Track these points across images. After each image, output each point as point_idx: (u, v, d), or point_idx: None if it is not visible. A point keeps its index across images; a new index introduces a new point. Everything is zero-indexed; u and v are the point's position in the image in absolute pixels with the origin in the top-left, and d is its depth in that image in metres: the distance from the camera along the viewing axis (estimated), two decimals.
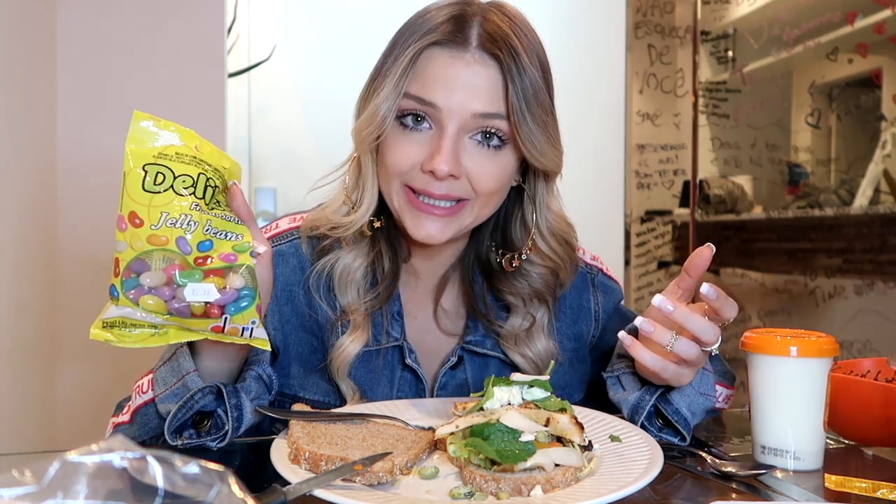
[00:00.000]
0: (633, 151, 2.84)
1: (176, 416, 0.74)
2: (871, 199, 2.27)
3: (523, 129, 0.81)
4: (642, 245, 2.94)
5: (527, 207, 0.92)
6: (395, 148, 0.83)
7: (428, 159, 0.81)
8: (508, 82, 0.81)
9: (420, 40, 0.81)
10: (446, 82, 0.80)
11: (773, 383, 0.77)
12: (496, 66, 0.81)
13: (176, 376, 0.76)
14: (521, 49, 0.81)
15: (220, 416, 0.76)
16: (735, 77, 2.77)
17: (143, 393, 0.79)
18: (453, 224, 0.84)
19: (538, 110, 0.82)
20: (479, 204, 0.85)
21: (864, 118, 2.39)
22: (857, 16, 2.23)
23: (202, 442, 0.76)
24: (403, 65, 0.81)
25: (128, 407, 0.83)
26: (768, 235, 2.63)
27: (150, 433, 0.79)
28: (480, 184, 0.83)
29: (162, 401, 0.76)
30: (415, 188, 0.83)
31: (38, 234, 1.67)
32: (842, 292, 2.30)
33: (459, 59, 0.81)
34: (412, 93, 0.81)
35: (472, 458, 0.68)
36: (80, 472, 0.38)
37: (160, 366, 0.79)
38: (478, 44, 0.81)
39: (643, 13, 2.87)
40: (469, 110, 0.81)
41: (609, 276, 1.07)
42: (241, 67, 2.61)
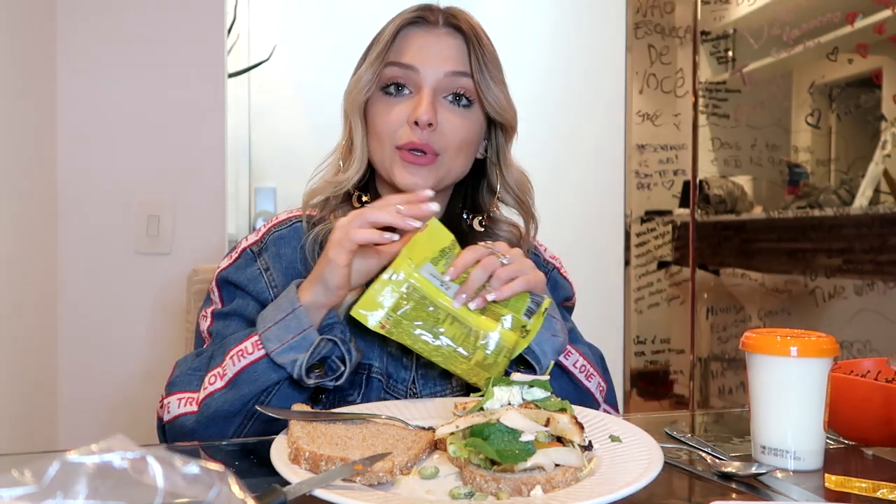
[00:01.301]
0: (633, 151, 2.84)
1: (301, 363, 0.86)
2: (871, 199, 2.27)
3: (483, 86, 0.99)
4: (642, 245, 2.94)
5: (491, 172, 1.08)
6: (384, 112, 1.00)
7: (412, 113, 0.98)
8: (470, 49, 1.00)
9: (397, 22, 1.01)
10: (421, 49, 0.99)
11: (773, 383, 0.77)
12: (461, 37, 1.01)
13: (293, 333, 0.87)
14: (477, 27, 1.02)
15: (333, 360, 0.89)
16: (735, 77, 2.77)
17: (247, 355, 0.89)
18: (432, 173, 0.99)
19: (495, 72, 1.01)
20: (449, 157, 1.00)
21: (864, 118, 2.39)
22: (857, 16, 2.23)
23: (323, 382, 0.89)
24: (384, 41, 0.99)
25: (216, 376, 0.90)
26: (768, 235, 2.63)
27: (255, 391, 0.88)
28: (453, 135, 0.99)
29: (279, 354, 0.87)
30: (401, 144, 0.98)
31: (38, 233, 1.67)
32: (842, 292, 2.30)
33: (431, 32, 1.01)
34: (392, 59, 0.99)
35: (472, 458, 0.68)
36: (80, 473, 0.38)
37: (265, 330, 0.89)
38: (444, 21, 1.01)
39: (643, 13, 2.87)
40: (442, 70, 0.98)
41: (564, 276, 1.16)
42: (241, 67, 2.61)
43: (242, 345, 0.90)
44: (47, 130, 1.70)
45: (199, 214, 1.77)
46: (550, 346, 0.94)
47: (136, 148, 1.75)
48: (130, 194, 1.75)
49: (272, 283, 1.01)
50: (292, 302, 0.88)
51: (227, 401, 0.88)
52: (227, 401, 0.88)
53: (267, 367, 0.88)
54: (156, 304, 1.76)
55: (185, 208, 1.77)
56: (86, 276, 1.74)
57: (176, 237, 1.77)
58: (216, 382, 0.90)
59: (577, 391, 0.98)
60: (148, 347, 1.76)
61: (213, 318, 1.02)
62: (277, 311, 0.89)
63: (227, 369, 0.89)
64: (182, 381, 0.95)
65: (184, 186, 1.77)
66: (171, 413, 0.93)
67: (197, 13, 1.77)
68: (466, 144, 1.02)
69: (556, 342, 0.94)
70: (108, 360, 1.74)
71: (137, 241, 1.75)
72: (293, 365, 0.86)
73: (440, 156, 0.99)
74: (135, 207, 1.75)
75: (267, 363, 0.87)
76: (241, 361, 0.89)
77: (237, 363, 0.89)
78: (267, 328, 0.89)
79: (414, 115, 0.97)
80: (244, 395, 0.88)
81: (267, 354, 0.87)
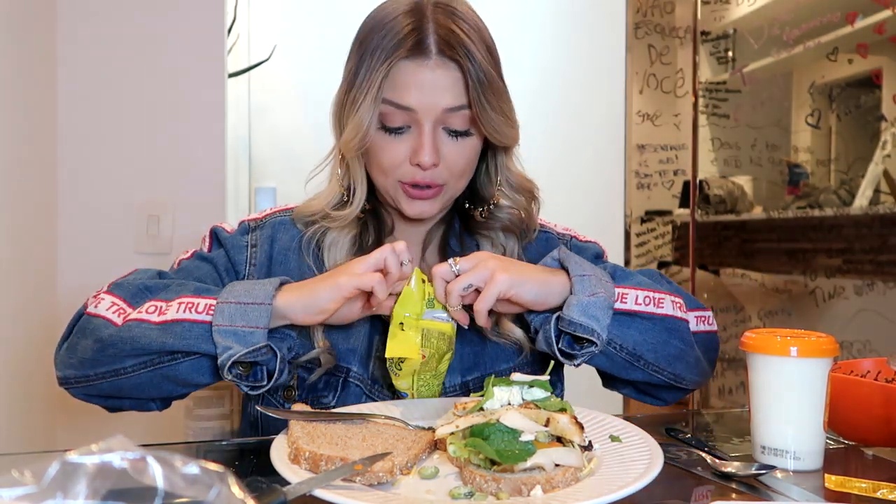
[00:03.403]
0: (633, 151, 2.84)
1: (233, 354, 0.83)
2: (871, 200, 2.27)
3: (483, 116, 0.95)
4: (642, 245, 2.94)
5: (490, 168, 1.07)
6: (385, 151, 0.97)
7: (413, 154, 0.95)
8: (467, 78, 0.94)
9: (390, 57, 0.93)
10: (417, 87, 0.94)
11: (773, 383, 0.77)
12: (455, 67, 0.94)
13: (246, 322, 0.85)
14: (472, 47, 0.94)
15: (261, 370, 0.87)
16: (735, 77, 2.77)
17: (194, 311, 0.87)
18: (438, 202, 1.00)
19: (493, 98, 0.96)
20: (453, 182, 1.00)
21: (864, 118, 2.39)
22: (857, 16, 2.23)
23: (238, 383, 0.86)
24: (379, 79, 0.93)
25: (156, 308, 0.88)
26: (768, 235, 2.63)
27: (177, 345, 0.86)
28: (455, 167, 0.98)
29: (220, 331, 0.84)
30: (405, 182, 0.98)
31: (38, 233, 1.67)
32: (842, 292, 2.30)
33: (424, 66, 0.94)
34: (389, 98, 0.95)
35: (472, 458, 0.68)
36: (80, 473, 0.38)
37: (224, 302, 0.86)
38: (437, 51, 0.93)
39: (643, 13, 2.87)
40: (440, 107, 0.94)
41: (584, 241, 1.14)
42: (241, 67, 2.61)
43: (196, 299, 0.88)
44: (47, 130, 1.70)
45: (199, 214, 1.77)
46: (596, 307, 0.87)
47: (136, 148, 1.75)
48: (130, 194, 1.75)
49: (253, 259, 1.02)
50: (266, 296, 0.86)
51: (148, 338, 0.86)
52: (148, 337, 0.86)
53: (202, 335, 0.85)
54: None
55: (185, 208, 1.77)
56: (86, 276, 1.73)
57: (176, 237, 1.77)
58: (153, 314, 0.88)
59: (658, 324, 0.92)
60: None
61: (193, 256, 1.04)
62: (247, 293, 0.87)
63: (168, 310, 0.88)
64: (127, 290, 0.93)
65: (184, 186, 1.77)
66: (97, 309, 0.91)
67: (197, 13, 1.77)
68: (468, 169, 1.01)
69: (600, 299, 0.88)
70: None
71: (137, 241, 1.75)
72: (225, 350, 0.84)
73: (444, 186, 0.99)
74: (135, 207, 1.75)
75: (205, 331, 0.85)
76: (185, 314, 0.87)
77: (180, 312, 0.87)
78: (227, 301, 0.87)
79: (416, 157, 0.95)
80: (166, 343, 0.86)
81: (210, 323, 0.85)
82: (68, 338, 0.94)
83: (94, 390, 0.92)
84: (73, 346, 0.92)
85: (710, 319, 1.03)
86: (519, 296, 0.88)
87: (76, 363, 0.91)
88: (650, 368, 0.93)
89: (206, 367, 0.88)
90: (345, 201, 1.02)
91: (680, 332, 0.94)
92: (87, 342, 0.90)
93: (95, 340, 0.89)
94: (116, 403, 0.96)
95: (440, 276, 0.89)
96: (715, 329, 1.03)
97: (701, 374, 0.98)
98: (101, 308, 0.91)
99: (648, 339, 0.92)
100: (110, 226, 1.74)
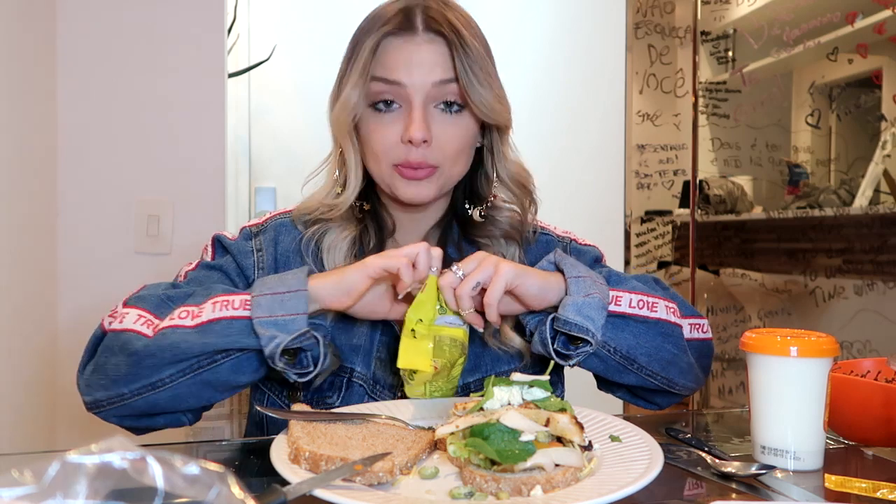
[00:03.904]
0: (633, 151, 2.84)
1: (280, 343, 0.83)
2: (871, 199, 2.27)
3: (471, 90, 0.96)
4: (642, 245, 2.94)
5: (487, 163, 1.07)
6: (375, 131, 0.98)
7: (404, 131, 0.96)
8: (454, 52, 0.95)
9: (376, 33, 0.96)
10: (405, 62, 0.95)
11: (773, 383, 0.77)
12: (443, 42, 0.96)
13: (285, 311, 0.84)
14: (459, 25, 0.97)
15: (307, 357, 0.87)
16: (735, 77, 2.77)
17: (231, 308, 0.86)
18: (433, 183, 0.99)
19: (481, 73, 0.97)
20: (448, 166, 1.00)
21: (864, 118, 2.39)
22: (857, 16, 2.23)
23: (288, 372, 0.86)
24: (365, 55, 0.96)
25: (188, 313, 0.87)
26: (768, 235, 2.63)
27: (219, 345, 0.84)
28: (449, 146, 0.98)
29: (262, 324, 0.84)
30: (398, 163, 0.98)
31: (38, 233, 1.67)
32: (842, 292, 2.30)
33: (411, 42, 0.96)
34: (378, 75, 0.96)
35: (472, 458, 0.68)
36: (80, 473, 0.38)
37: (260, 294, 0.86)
38: (424, 27, 0.96)
39: (643, 13, 2.87)
40: (428, 81, 0.95)
41: (584, 244, 1.14)
42: (241, 67, 2.61)
43: (230, 297, 0.87)
44: (47, 130, 1.70)
45: (199, 214, 1.77)
46: (591, 307, 0.88)
47: (136, 148, 1.75)
48: (130, 194, 1.75)
49: (260, 263, 1.02)
50: (300, 282, 0.87)
51: (187, 342, 0.84)
52: (186, 341, 0.84)
53: (243, 329, 0.84)
54: None
55: (185, 208, 1.77)
56: (86, 276, 1.73)
57: (176, 237, 1.77)
58: (186, 319, 0.86)
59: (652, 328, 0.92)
60: None
61: (198, 266, 1.02)
62: (280, 283, 0.87)
63: (203, 312, 0.86)
64: (150, 301, 0.91)
65: (184, 186, 1.77)
66: (122, 324, 0.88)
67: (197, 13, 1.77)
68: (463, 150, 1.01)
69: (594, 300, 0.89)
70: None
71: (137, 241, 1.75)
72: (270, 341, 0.83)
73: (439, 167, 0.99)
74: (135, 207, 1.75)
75: (246, 325, 0.84)
76: (222, 312, 0.85)
77: (216, 311, 0.86)
78: (262, 294, 0.86)
79: (407, 134, 0.95)
80: (206, 344, 0.84)
81: (250, 318, 0.84)
82: (91, 359, 0.90)
83: (127, 410, 0.88)
84: (102, 366, 0.88)
85: (705, 327, 1.02)
86: (523, 287, 0.88)
87: (107, 383, 0.87)
88: (643, 372, 0.93)
89: (247, 364, 0.86)
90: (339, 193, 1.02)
91: (673, 337, 0.94)
92: (119, 358, 0.86)
93: (129, 355, 0.85)
94: (149, 423, 0.92)
95: (447, 284, 0.88)
96: (709, 337, 1.03)
97: (694, 381, 0.98)
98: (126, 322, 0.88)
99: (642, 342, 0.92)
100: (110, 226, 1.74)
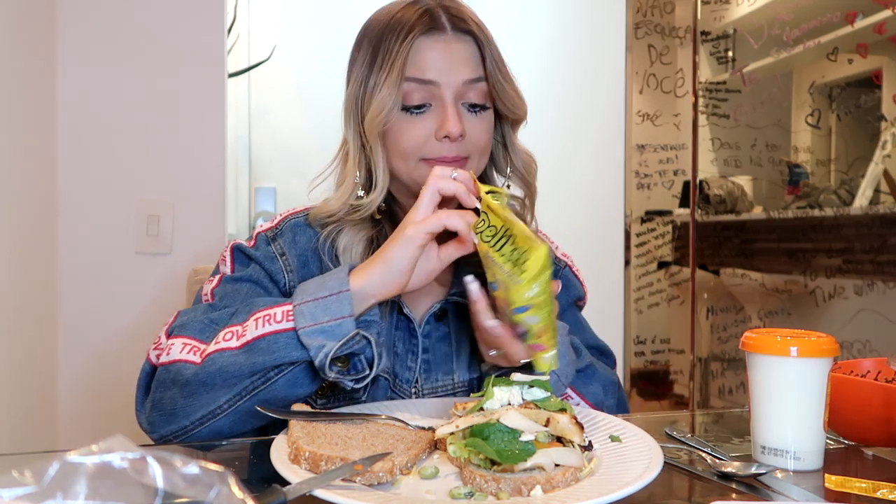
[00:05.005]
0: (633, 151, 2.84)
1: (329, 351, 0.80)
2: (871, 199, 2.27)
3: (499, 88, 0.99)
4: (642, 245, 2.94)
5: (497, 154, 1.08)
6: (406, 132, 0.97)
7: (440, 128, 0.96)
8: (483, 51, 0.98)
9: (407, 35, 0.96)
10: (437, 62, 0.96)
11: (773, 383, 0.77)
12: (471, 40, 0.99)
13: (330, 315, 0.82)
14: (481, 24, 1.00)
15: (361, 360, 0.84)
16: (735, 77, 2.77)
17: (273, 321, 0.83)
18: None
19: (505, 70, 1.01)
20: (476, 157, 1.01)
21: (864, 118, 2.39)
22: (857, 16, 2.23)
23: (343, 380, 0.83)
24: (401, 58, 0.95)
25: (232, 334, 0.85)
26: (768, 235, 2.63)
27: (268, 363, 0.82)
28: (479, 141, 1.00)
29: (308, 333, 0.81)
30: (431, 158, 0.98)
31: (38, 233, 1.67)
32: (842, 292, 2.30)
33: (442, 41, 0.97)
34: (410, 76, 0.96)
35: (472, 458, 0.68)
36: (80, 473, 0.38)
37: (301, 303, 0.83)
38: (451, 26, 0.98)
39: (643, 13, 2.87)
40: (460, 79, 0.97)
41: (575, 275, 1.15)
42: (241, 67, 2.61)
43: (272, 310, 0.84)
44: (47, 130, 1.70)
45: (199, 214, 1.77)
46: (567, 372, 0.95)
47: (136, 148, 1.75)
48: (130, 194, 1.75)
49: (287, 266, 0.99)
50: (341, 283, 0.83)
51: (236, 364, 0.82)
52: (235, 363, 0.82)
53: (290, 342, 0.82)
54: (156, 304, 1.76)
55: (185, 208, 1.77)
56: (86, 276, 1.74)
57: (176, 237, 1.77)
58: (231, 340, 0.84)
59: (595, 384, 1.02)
60: (148, 347, 1.75)
61: (221, 282, 0.98)
62: (321, 287, 0.84)
63: (247, 330, 0.84)
64: (193, 327, 0.89)
65: (184, 186, 1.77)
66: (170, 356, 0.87)
67: (197, 13, 1.77)
68: (489, 144, 1.03)
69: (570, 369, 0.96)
70: (108, 360, 1.74)
71: (137, 241, 1.75)
72: (319, 350, 0.80)
73: (469, 159, 0.99)
74: (135, 207, 1.75)
75: (291, 338, 0.81)
76: (265, 327, 0.83)
77: (260, 327, 0.83)
78: (303, 301, 0.83)
79: (444, 129, 0.96)
80: (255, 363, 0.82)
81: (295, 329, 0.82)
82: (147, 396, 0.89)
83: (194, 440, 0.86)
84: (158, 401, 0.86)
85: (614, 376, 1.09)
86: None
87: (168, 418, 0.85)
88: None
89: (302, 377, 0.84)
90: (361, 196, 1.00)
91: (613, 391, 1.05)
92: (173, 391, 0.85)
93: (182, 386, 0.84)
94: None
95: None
96: None
97: None
98: (173, 353, 0.87)
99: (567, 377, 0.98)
100: (110, 226, 1.74)
